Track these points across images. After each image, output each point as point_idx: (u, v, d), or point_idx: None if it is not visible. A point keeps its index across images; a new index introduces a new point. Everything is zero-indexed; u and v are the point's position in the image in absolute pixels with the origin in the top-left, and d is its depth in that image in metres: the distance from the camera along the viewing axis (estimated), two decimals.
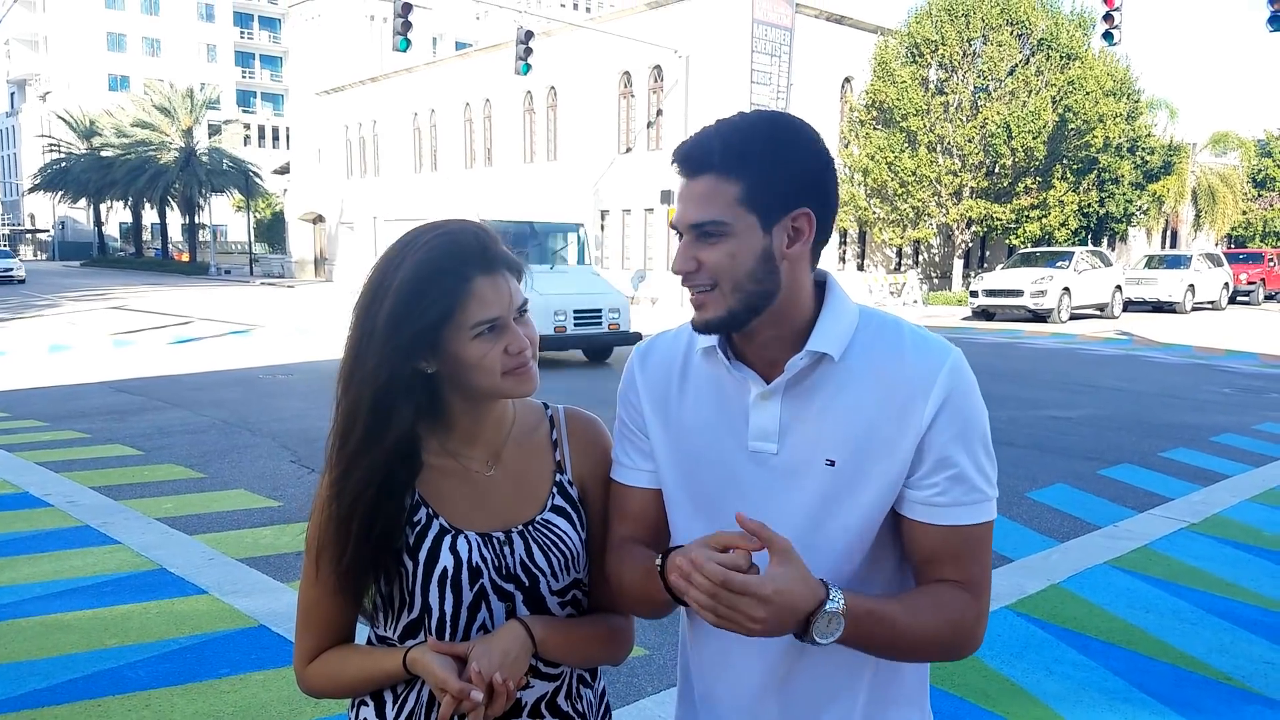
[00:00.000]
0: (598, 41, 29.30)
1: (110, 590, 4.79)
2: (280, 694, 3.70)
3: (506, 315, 1.36)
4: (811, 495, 1.32)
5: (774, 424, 1.34)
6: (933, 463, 1.29)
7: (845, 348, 1.32)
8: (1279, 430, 9.42)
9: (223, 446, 8.23)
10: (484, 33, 61.71)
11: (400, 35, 20.35)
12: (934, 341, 1.34)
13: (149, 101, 55.41)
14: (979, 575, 1.33)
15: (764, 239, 1.29)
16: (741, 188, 1.27)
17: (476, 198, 35.90)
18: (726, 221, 1.28)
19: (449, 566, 1.37)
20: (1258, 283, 32.85)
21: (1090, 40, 28.67)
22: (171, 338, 18.08)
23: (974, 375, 1.33)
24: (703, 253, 1.29)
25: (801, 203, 1.29)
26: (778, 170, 1.29)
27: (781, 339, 1.33)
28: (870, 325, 1.36)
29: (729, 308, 1.30)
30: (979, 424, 1.32)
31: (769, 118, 1.32)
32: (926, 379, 1.29)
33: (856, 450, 1.30)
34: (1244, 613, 4.59)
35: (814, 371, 1.33)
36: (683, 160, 1.31)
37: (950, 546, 1.31)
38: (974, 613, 1.32)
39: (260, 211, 63.20)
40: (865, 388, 1.31)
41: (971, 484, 1.30)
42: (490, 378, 1.36)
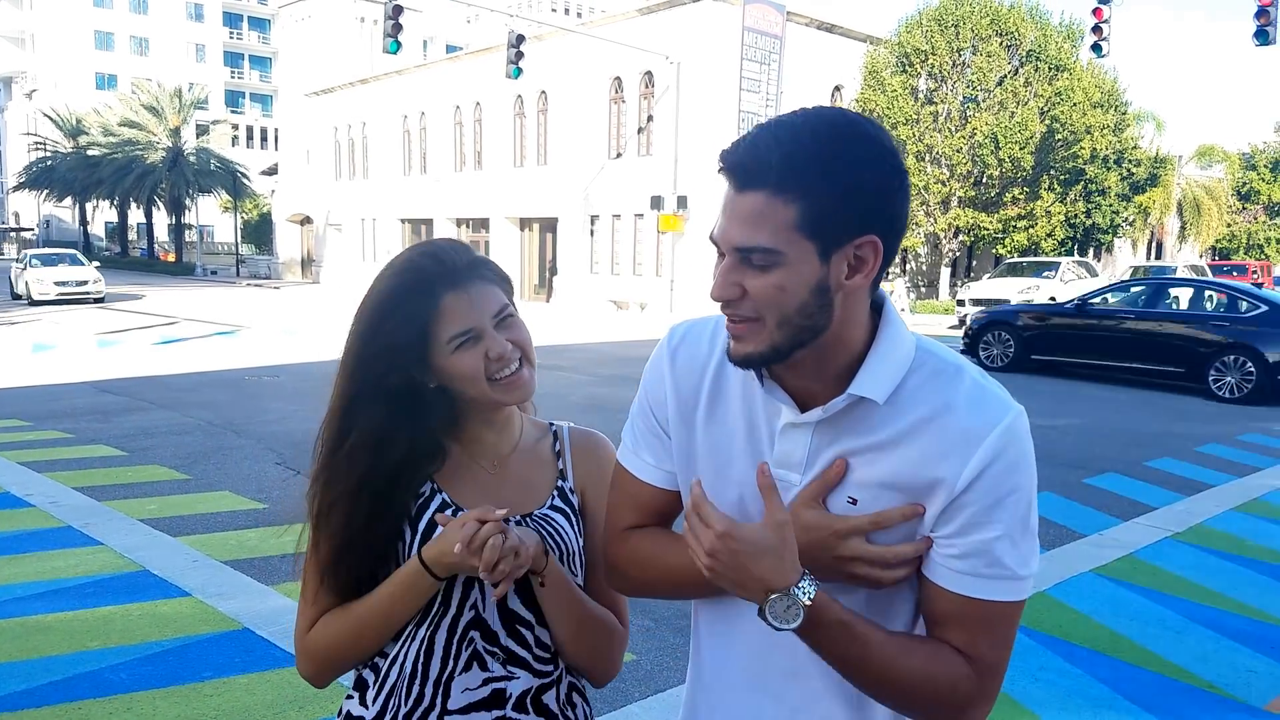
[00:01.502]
0: (589, 46, 29.32)
1: (92, 592, 4.75)
2: (264, 698, 3.68)
3: (482, 324, 1.39)
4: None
5: (801, 455, 1.23)
6: (960, 525, 1.17)
7: (892, 391, 1.19)
8: (1262, 441, 9.49)
9: (208, 448, 8.18)
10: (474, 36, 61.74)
11: (391, 37, 20.32)
12: (992, 396, 1.19)
13: (136, 101, 55.13)
14: (989, 655, 1.20)
15: (820, 269, 1.12)
16: (799, 210, 1.10)
17: (466, 201, 35.90)
18: (779, 250, 1.11)
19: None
20: None
21: (1078, 52, 28.86)
22: (157, 338, 17.97)
23: (1031, 441, 1.19)
24: (749, 280, 1.13)
25: (868, 229, 1.12)
26: (844, 191, 1.10)
27: (823, 373, 1.21)
28: (925, 367, 1.21)
29: (772, 343, 1.15)
30: (1023, 496, 1.17)
31: (837, 123, 1.12)
32: (974, 437, 1.16)
33: (881, 495, 1.19)
34: (1228, 622, 4.62)
35: (856, 410, 1.20)
36: (733, 169, 1.13)
37: (961, 616, 1.19)
38: (971, 688, 1.19)
39: (247, 212, 62.97)
40: (906, 435, 1.18)
41: (996, 559, 1.17)
42: (477, 386, 1.39)
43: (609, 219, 30.73)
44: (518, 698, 1.41)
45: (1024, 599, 1.20)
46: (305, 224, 48.68)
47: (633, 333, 20.94)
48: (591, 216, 31.20)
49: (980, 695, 1.20)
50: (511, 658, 1.42)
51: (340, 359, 1.45)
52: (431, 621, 1.39)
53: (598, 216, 31.08)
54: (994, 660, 1.20)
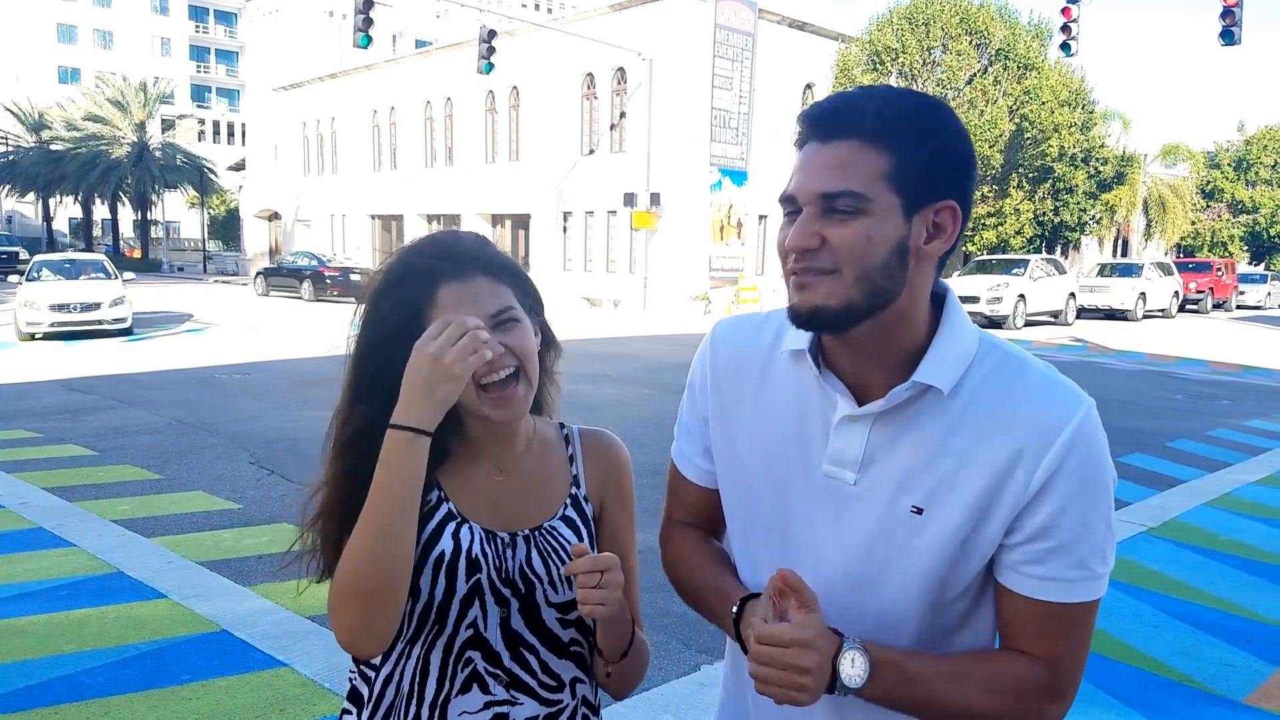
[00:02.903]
0: (561, 42, 29.22)
1: (66, 594, 4.67)
2: (244, 700, 3.63)
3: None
4: (881, 537, 1.17)
5: (857, 452, 1.17)
6: (1035, 529, 1.12)
7: (957, 381, 1.15)
8: (1231, 436, 9.63)
9: (180, 447, 8.07)
10: (444, 31, 61.32)
11: (361, 32, 20.13)
12: (1063, 388, 1.16)
13: (101, 95, 54.26)
14: (1067, 657, 1.16)
15: (903, 227, 1.10)
16: (891, 161, 1.09)
17: (437, 197, 35.67)
18: (869, 196, 1.08)
19: (447, 551, 1.31)
20: (1206, 291, 33.59)
21: (1047, 51, 29.13)
22: (125, 335, 17.70)
23: (1104, 434, 1.15)
24: (831, 229, 1.09)
25: (949, 194, 1.12)
26: (932, 152, 1.11)
27: (885, 357, 1.16)
28: (990, 358, 1.17)
29: (847, 299, 1.10)
30: (1102, 492, 1.13)
31: (927, 96, 1.15)
32: (1047, 433, 1.11)
33: (948, 501, 1.13)
34: (1204, 616, 4.68)
35: (916, 402, 1.15)
36: (819, 120, 1.12)
37: (1037, 621, 1.16)
38: (1043, 689, 1.15)
39: (214, 208, 62.20)
40: (973, 431, 1.13)
41: (1078, 559, 1.12)
42: (467, 391, 1.27)
43: (582, 215, 30.66)
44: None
45: (1101, 596, 1.16)
46: (273, 220, 48.21)
47: (607, 330, 20.90)
48: (564, 213, 31.11)
49: (1054, 695, 1.16)
50: (515, 682, 1.34)
51: (349, 350, 1.37)
52: (426, 640, 1.32)
53: (570, 213, 30.99)
54: (1073, 662, 1.17)
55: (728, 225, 28.22)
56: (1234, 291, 35.85)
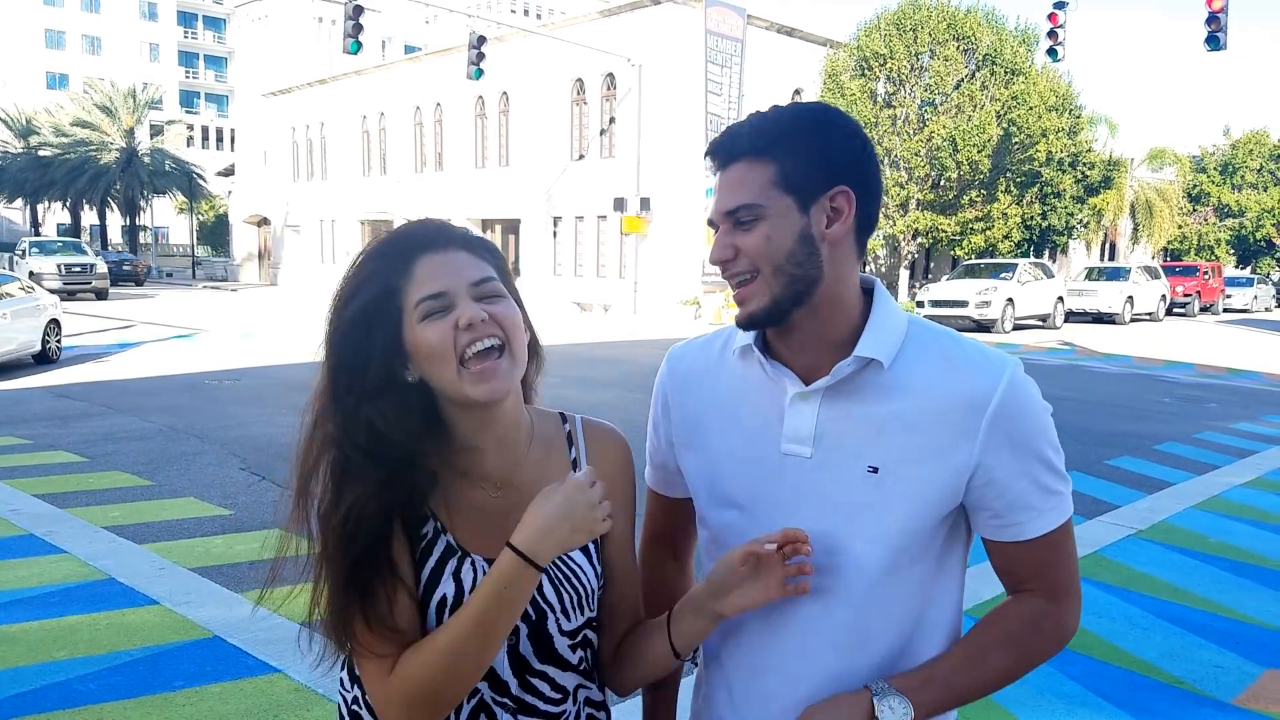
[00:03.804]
0: (550, 48, 29.26)
1: (57, 601, 4.65)
2: (238, 706, 3.62)
3: (456, 289, 1.21)
4: (846, 503, 1.27)
5: (810, 427, 1.29)
6: (996, 481, 1.26)
7: (895, 355, 1.27)
8: (1218, 439, 9.69)
9: (170, 453, 8.05)
10: (433, 36, 61.33)
11: (351, 38, 20.13)
12: (992, 353, 1.30)
13: (89, 100, 54.06)
14: (1062, 576, 1.32)
15: (801, 220, 1.25)
16: (774, 169, 1.25)
17: (427, 202, 35.64)
18: (760, 204, 1.25)
19: (449, 594, 1.23)
20: (1193, 295, 33.80)
21: (1034, 56, 29.28)
22: (113, 342, 17.64)
23: (1033, 383, 1.30)
24: (739, 239, 1.26)
25: (840, 180, 1.26)
26: (811, 148, 1.26)
27: (823, 339, 1.29)
28: (923, 334, 1.31)
29: (772, 296, 1.25)
30: (1041, 432, 1.28)
31: (799, 104, 1.30)
32: (983, 393, 1.25)
33: (903, 459, 1.25)
34: (1193, 618, 4.71)
35: (859, 377, 1.27)
36: (714, 153, 1.30)
37: (1033, 557, 1.30)
38: (1053, 620, 1.31)
39: (203, 214, 62.00)
40: (916, 396, 1.26)
41: (1043, 489, 1.27)
42: (446, 368, 1.19)
43: (572, 220, 30.68)
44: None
45: (1071, 512, 1.31)
46: (262, 225, 48.10)
47: (597, 334, 20.91)
48: (554, 218, 31.13)
49: (1063, 615, 1.32)
50: (523, 707, 1.29)
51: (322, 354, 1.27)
52: None
53: (560, 218, 31.02)
54: (1069, 578, 1.32)
55: None
56: (1221, 295, 36.09)
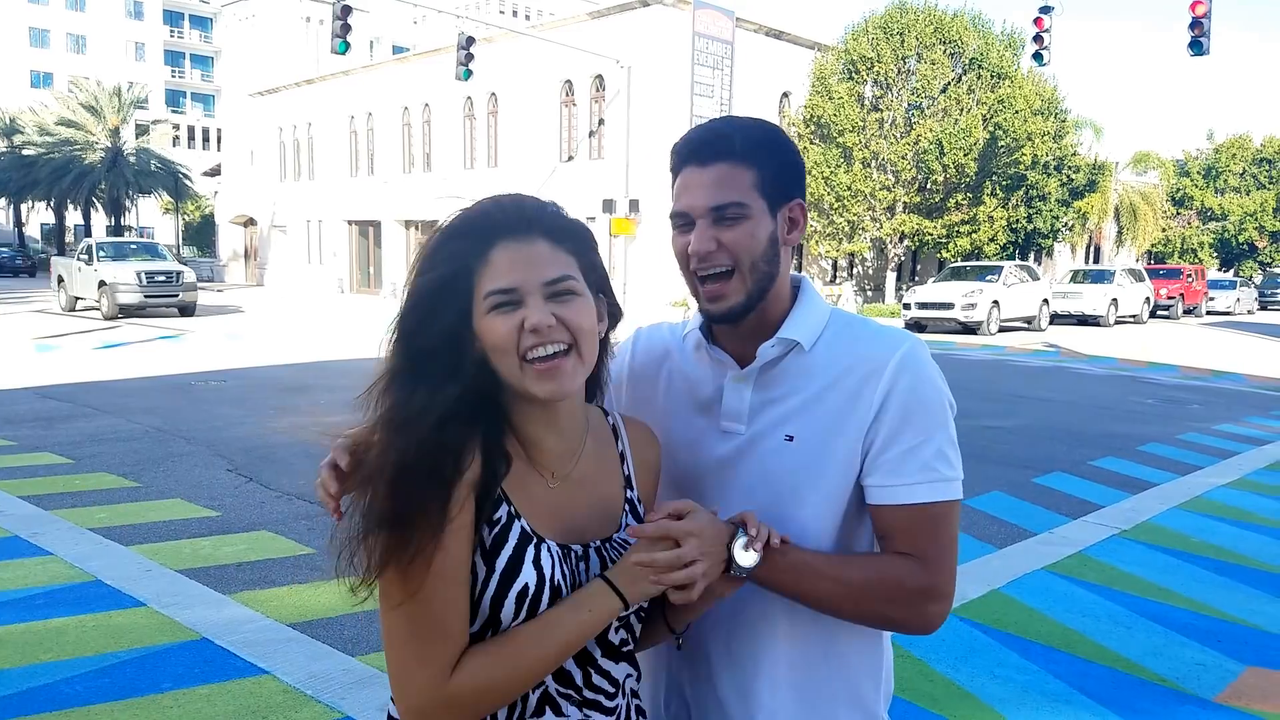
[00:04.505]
0: (539, 49, 29.26)
1: (43, 603, 4.63)
2: (226, 708, 3.62)
3: (527, 286, 1.17)
4: (774, 473, 1.38)
5: (744, 405, 1.41)
6: (882, 443, 1.34)
7: (815, 339, 1.40)
8: (1201, 440, 9.77)
9: (156, 455, 8.02)
10: (422, 37, 61.26)
11: (340, 38, 20.10)
12: (893, 332, 1.41)
13: (74, 100, 53.73)
14: (932, 551, 1.34)
15: (771, 224, 1.38)
16: (754, 174, 1.36)
17: (415, 203, 35.57)
18: (746, 203, 1.35)
19: (530, 583, 1.19)
20: (1176, 297, 34.04)
21: (1020, 60, 29.47)
22: (98, 342, 17.55)
23: (933, 364, 1.38)
24: (722, 234, 1.35)
25: (796, 194, 1.41)
26: (781, 163, 1.40)
27: (760, 328, 1.41)
28: (839, 320, 1.44)
29: (747, 291, 1.37)
30: (932, 407, 1.35)
31: (758, 120, 1.42)
32: (879, 363, 1.35)
33: (814, 429, 1.37)
34: (1176, 616, 4.76)
35: (784, 359, 1.40)
36: (697, 149, 1.38)
37: (902, 524, 1.35)
38: (921, 582, 1.34)
39: (189, 214, 61.69)
40: (826, 372, 1.38)
41: (923, 463, 1.34)
42: (508, 362, 1.17)
43: None
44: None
45: (957, 499, 1.36)
46: (249, 226, 47.92)
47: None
48: None
49: (932, 586, 1.34)
50: (586, 701, 1.27)
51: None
52: None
53: None
54: (939, 554, 1.35)
55: None
56: (1204, 297, 36.36)
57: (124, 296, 21.90)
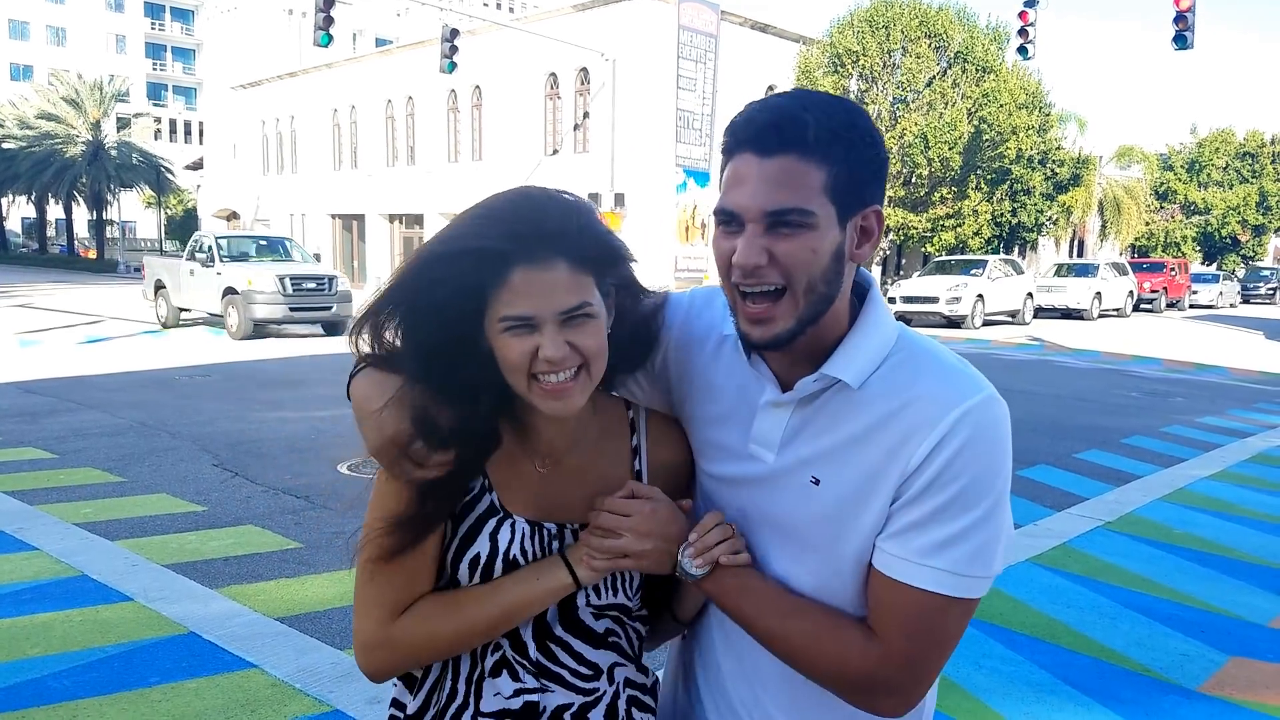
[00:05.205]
0: (524, 42, 29.17)
1: (29, 598, 4.61)
2: (214, 702, 3.61)
3: (544, 315, 1.15)
4: (793, 514, 1.22)
5: (777, 435, 1.23)
6: (905, 500, 1.13)
7: (869, 375, 1.17)
8: (1185, 432, 9.85)
9: (142, 449, 7.97)
10: (405, 29, 60.90)
11: (322, 30, 19.96)
12: (963, 375, 1.16)
13: (54, 92, 53.30)
14: (902, 644, 1.14)
15: (839, 236, 1.13)
16: (829, 173, 1.10)
17: (399, 196, 35.44)
18: (813, 210, 1.10)
19: (482, 554, 1.26)
20: (1160, 291, 34.28)
21: (1005, 54, 29.57)
22: (81, 337, 17.42)
23: (1007, 429, 1.15)
24: (777, 244, 1.11)
25: (874, 199, 1.16)
26: (862, 159, 1.13)
27: (810, 351, 1.19)
28: (905, 348, 1.20)
29: (799, 317, 1.14)
30: (981, 482, 1.11)
31: (846, 102, 1.16)
32: (936, 413, 1.12)
33: (845, 477, 1.17)
34: (1159, 607, 4.80)
35: (829, 391, 1.19)
36: (761, 132, 1.11)
37: (888, 600, 1.15)
38: (867, 670, 1.15)
39: (172, 208, 61.30)
40: (873, 412, 1.16)
41: (936, 545, 1.11)
42: (516, 379, 1.19)
43: None
44: (553, 712, 1.29)
45: (964, 597, 1.12)
46: (232, 219, 47.63)
47: None
48: None
49: (881, 680, 1.15)
50: (543, 671, 1.29)
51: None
52: None
53: None
54: (908, 651, 1.14)
55: (692, 226, 28.35)
56: (1187, 291, 36.62)
57: (262, 309, 16.92)
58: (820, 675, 1.19)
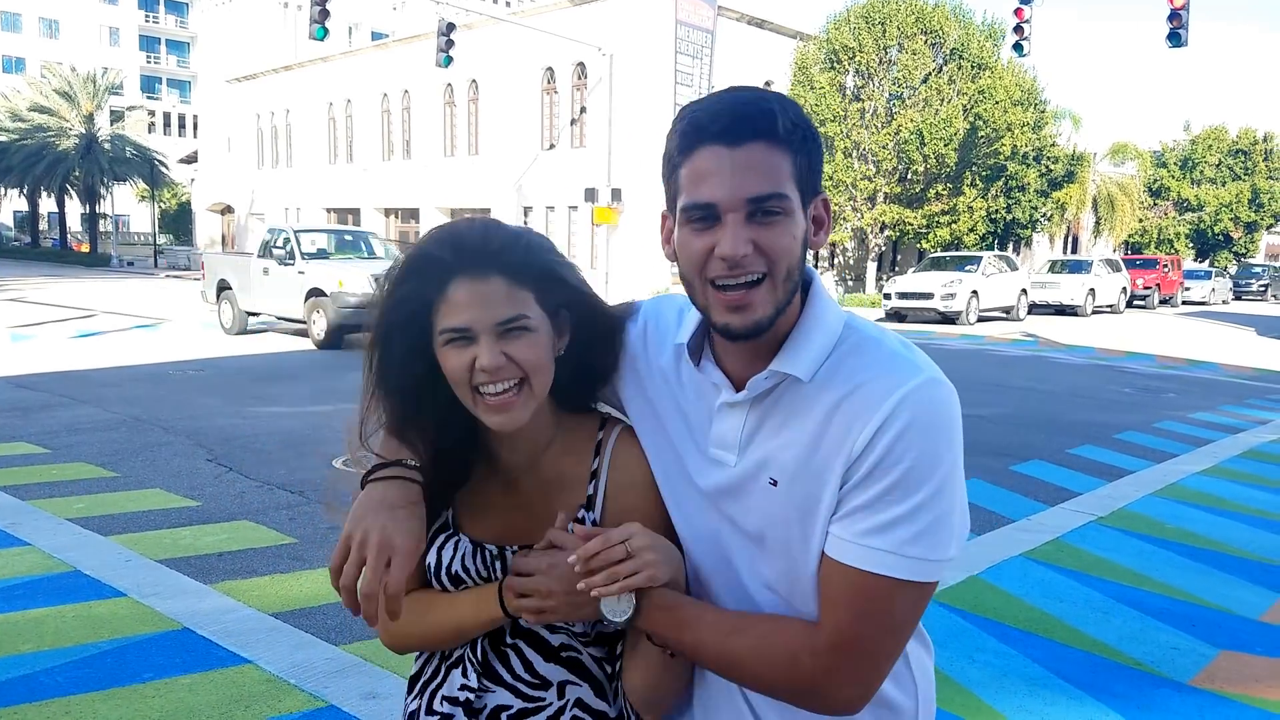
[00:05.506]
0: (520, 36, 29.12)
1: (22, 593, 4.60)
2: (209, 698, 3.61)
3: (480, 326, 1.19)
4: (756, 515, 1.20)
5: (735, 436, 1.22)
6: (848, 488, 1.13)
7: (817, 367, 1.17)
8: (1177, 428, 9.88)
9: (135, 444, 7.96)
10: (401, 23, 60.69)
11: (317, 23, 19.92)
12: (905, 362, 1.15)
13: (47, 85, 53.02)
14: (848, 628, 1.12)
15: (805, 223, 1.15)
16: (793, 162, 1.12)
17: (395, 191, 35.38)
18: (789, 196, 1.11)
19: (430, 563, 1.34)
20: (1153, 288, 34.38)
21: (1000, 51, 29.59)
22: (74, 331, 17.37)
23: (952, 411, 1.14)
24: (760, 233, 1.11)
25: (819, 189, 1.18)
26: (814, 150, 1.15)
27: (760, 345, 1.19)
28: (850, 340, 1.19)
29: (776, 304, 1.14)
30: (927, 467, 1.10)
31: (784, 95, 1.19)
32: (877, 400, 1.11)
33: (798, 473, 1.16)
34: (1152, 602, 4.82)
35: (781, 386, 1.19)
36: (729, 124, 1.11)
37: (837, 584, 1.13)
38: (817, 662, 1.13)
39: (165, 202, 61.11)
40: (824, 408, 1.15)
41: (880, 526, 1.10)
42: (462, 391, 1.23)
43: (543, 211, 30.59)
44: (491, 710, 1.32)
45: (913, 580, 1.11)
46: (226, 213, 47.54)
47: None
48: (525, 208, 31.02)
49: (833, 671, 1.13)
50: (488, 672, 1.33)
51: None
52: None
53: (531, 208, 30.91)
54: (855, 635, 1.12)
55: None
56: (1180, 287, 36.74)
57: (356, 314, 14.09)
58: (780, 686, 1.17)
